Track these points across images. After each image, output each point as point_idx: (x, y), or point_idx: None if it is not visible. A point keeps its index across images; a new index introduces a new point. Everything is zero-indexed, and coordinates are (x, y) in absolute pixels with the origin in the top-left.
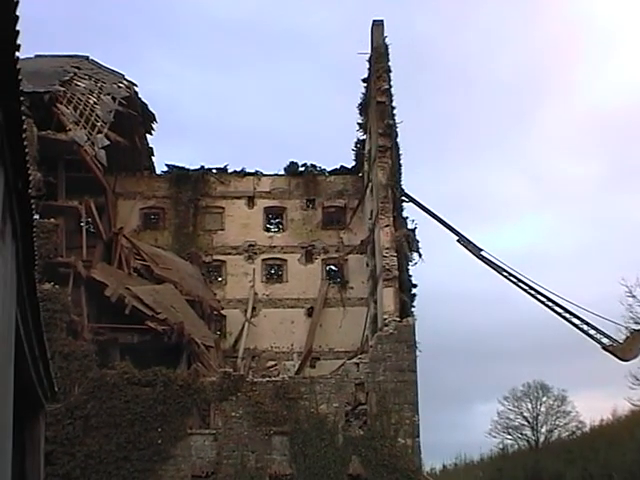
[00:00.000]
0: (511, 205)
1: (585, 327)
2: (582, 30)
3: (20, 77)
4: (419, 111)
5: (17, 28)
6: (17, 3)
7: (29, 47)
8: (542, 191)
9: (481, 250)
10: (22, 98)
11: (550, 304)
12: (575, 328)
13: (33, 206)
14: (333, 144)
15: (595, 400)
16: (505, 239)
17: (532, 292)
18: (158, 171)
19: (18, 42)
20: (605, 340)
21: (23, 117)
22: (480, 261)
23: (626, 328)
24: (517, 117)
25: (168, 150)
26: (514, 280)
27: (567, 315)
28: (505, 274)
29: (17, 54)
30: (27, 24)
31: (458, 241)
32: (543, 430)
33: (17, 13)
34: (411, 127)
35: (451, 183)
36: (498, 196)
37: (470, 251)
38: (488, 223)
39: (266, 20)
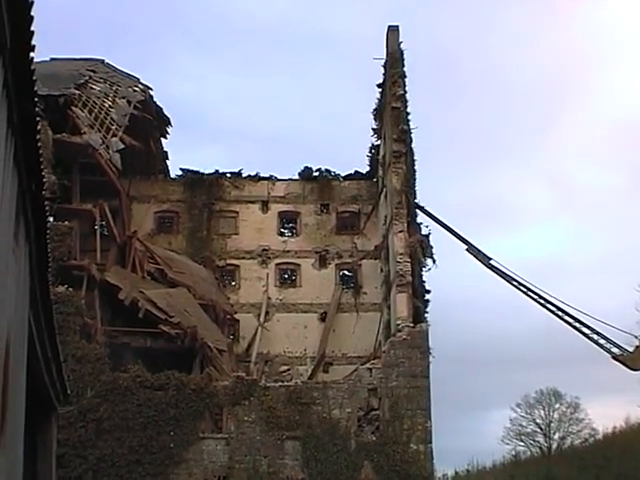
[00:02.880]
0: (530, 212)
1: (595, 336)
2: (608, 37)
3: (35, 78)
4: (442, 116)
5: (32, 29)
6: (32, 3)
7: (52, 49)
8: (562, 199)
9: (490, 259)
10: (37, 100)
11: (560, 313)
12: (585, 337)
13: (47, 208)
14: (348, 149)
15: (611, 408)
16: (524, 246)
17: (542, 301)
18: (172, 175)
19: (33, 43)
20: (615, 350)
21: (37, 119)
22: (490, 270)
23: (636, 337)
24: (538, 123)
25: (191, 152)
26: (524, 290)
27: (577, 324)
28: (515, 283)
29: (32, 55)
30: (53, 26)
31: (467, 250)
32: (556, 437)
33: (32, 14)
34: (433, 131)
35: (471, 188)
36: (517, 203)
37: (480, 260)
38: (507, 230)
39: (292, 24)
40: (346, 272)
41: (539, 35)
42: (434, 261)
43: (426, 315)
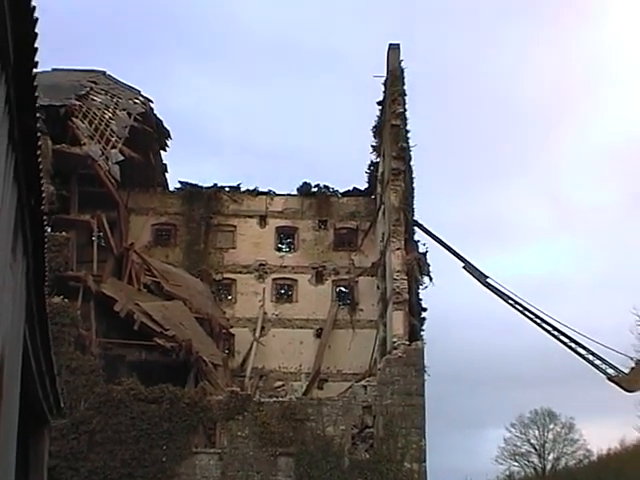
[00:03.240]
0: (530, 230)
1: (590, 357)
2: (608, 57)
3: (37, 94)
4: (443, 133)
5: (36, 45)
6: (36, 20)
7: (54, 59)
8: (561, 217)
9: (487, 277)
10: (38, 115)
11: (555, 333)
12: (581, 358)
13: (45, 223)
14: (347, 165)
15: (608, 429)
16: (523, 264)
17: (538, 321)
18: (171, 188)
19: (36, 59)
20: (610, 371)
21: (38, 134)
22: (486, 288)
23: (631, 359)
24: (539, 141)
25: (190, 165)
26: (520, 308)
27: (573, 345)
28: (511, 302)
29: (35, 71)
30: (54, 37)
31: (464, 268)
32: (550, 458)
33: (36, 30)
34: (433, 148)
35: (471, 206)
36: (517, 221)
37: (476, 278)
38: (506, 247)
39: (295, 39)
40: (343, 288)
41: (539, 53)
42: (431, 279)
43: (422, 333)
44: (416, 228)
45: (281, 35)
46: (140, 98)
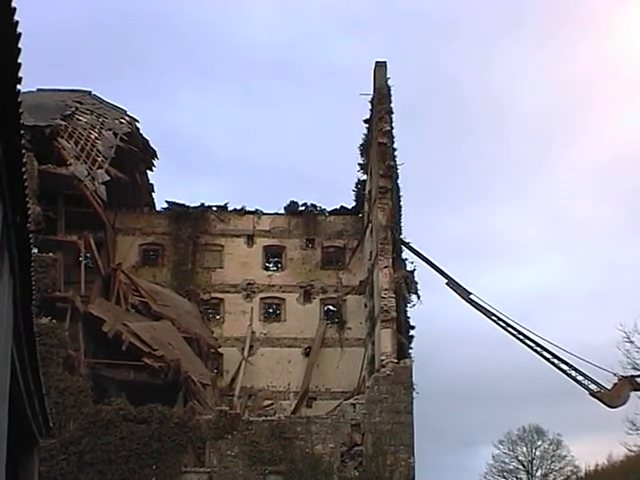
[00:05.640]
0: (524, 247)
1: (573, 373)
2: (604, 73)
3: (21, 111)
4: (439, 149)
5: (19, 61)
6: (19, 35)
7: (49, 79)
8: (555, 233)
9: (470, 294)
10: (23, 132)
11: (538, 349)
12: (563, 374)
13: (32, 241)
14: (335, 183)
15: (598, 445)
16: (519, 281)
17: (521, 337)
18: (158, 207)
19: (20, 75)
20: (593, 386)
21: (23, 151)
22: (469, 305)
23: (614, 374)
24: (534, 157)
25: (180, 183)
26: (502, 325)
27: (555, 361)
28: (494, 318)
29: (18, 87)
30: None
31: (447, 284)
32: (538, 474)
33: (19, 45)
34: (428, 166)
35: (466, 223)
36: (512, 238)
37: (459, 294)
38: (500, 264)
39: (290, 55)
40: (331, 307)
41: (536, 69)
42: (419, 297)
43: (410, 351)
44: (403, 246)
45: (276, 53)
46: (126, 118)
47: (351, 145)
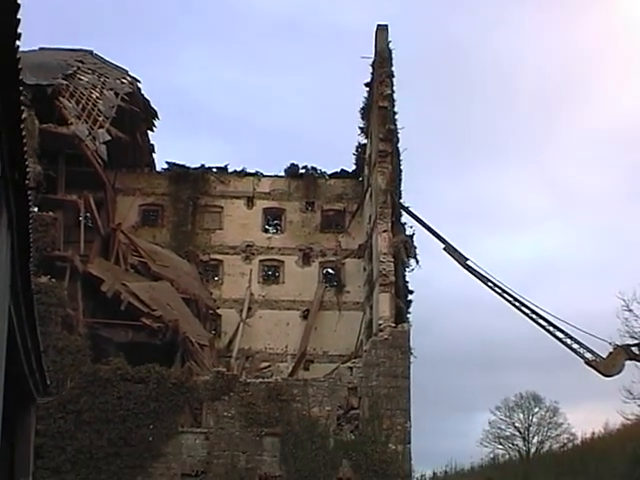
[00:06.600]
0: (527, 214)
1: (568, 341)
2: (613, 44)
3: (20, 66)
4: (445, 113)
5: (18, 16)
6: None
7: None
8: (559, 201)
9: (467, 259)
10: (21, 88)
11: (534, 316)
12: (559, 342)
13: (30, 198)
14: (337, 146)
15: (597, 414)
16: (520, 248)
17: (516, 304)
18: (158, 168)
19: (19, 30)
20: (588, 355)
21: (22, 107)
22: (466, 270)
23: (610, 344)
24: (539, 125)
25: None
26: (499, 291)
27: (551, 328)
28: (490, 284)
29: (18, 43)
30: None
31: (444, 249)
32: (534, 441)
33: (18, 1)
34: (432, 130)
35: (467, 188)
36: (514, 204)
37: (456, 260)
38: (502, 231)
39: (296, 18)
40: (329, 270)
41: (542, 37)
42: (417, 261)
43: (408, 315)
44: (402, 210)
45: (281, 15)
46: (127, 78)
47: (352, 108)
